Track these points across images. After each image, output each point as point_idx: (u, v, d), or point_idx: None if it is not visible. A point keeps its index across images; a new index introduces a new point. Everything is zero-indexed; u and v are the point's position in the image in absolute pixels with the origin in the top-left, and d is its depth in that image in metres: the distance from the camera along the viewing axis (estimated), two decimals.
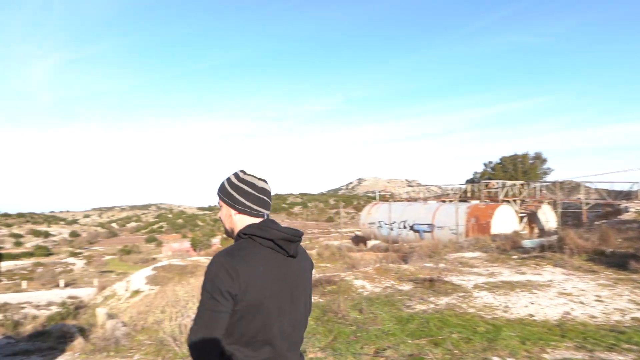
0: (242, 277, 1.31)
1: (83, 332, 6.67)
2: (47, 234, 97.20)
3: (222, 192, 1.54)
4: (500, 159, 37.41)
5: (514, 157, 36.31)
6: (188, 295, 8.73)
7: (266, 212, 1.53)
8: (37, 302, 22.19)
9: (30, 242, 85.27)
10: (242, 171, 1.53)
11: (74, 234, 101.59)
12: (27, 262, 58.99)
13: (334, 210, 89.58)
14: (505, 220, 22.68)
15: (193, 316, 1.45)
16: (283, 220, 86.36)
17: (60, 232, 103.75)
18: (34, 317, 14.81)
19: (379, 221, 28.14)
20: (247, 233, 1.43)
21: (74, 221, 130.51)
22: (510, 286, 7.94)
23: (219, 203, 1.56)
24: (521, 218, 25.49)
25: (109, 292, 15.38)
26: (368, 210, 30.38)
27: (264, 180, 1.53)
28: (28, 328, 11.59)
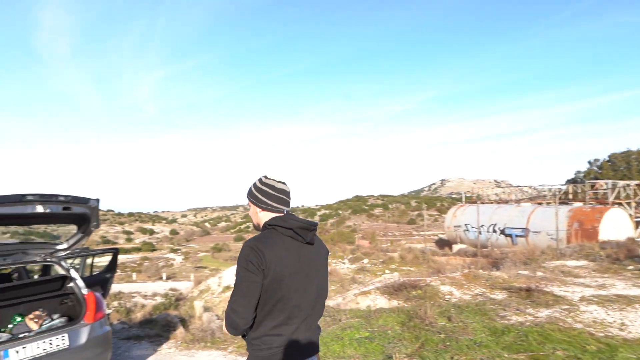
0: (267, 257, 1.63)
1: (184, 322, 7.27)
2: (151, 232, 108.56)
3: (250, 194, 1.88)
4: (609, 156, 33.13)
5: (627, 154, 31.93)
6: None
7: (286, 208, 1.84)
8: (145, 292, 24.80)
9: (139, 239, 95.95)
10: (265, 176, 1.87)
11: (173, 232, 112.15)
12: (136, 256, 66.47)
13: (416, 212, 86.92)
14: (617, 225, 20.03)
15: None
16: (363, 222, 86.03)
17: (162, 230, 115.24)
18: (142, 306, 16.59)
19: (466, 224, 26.66)
20: (271, 224, 1.77)
21: (174, 220, 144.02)
22: (626, 301, 6.96)
23: (248, 204, 1.90)
24: (637, 223, 22.31)
25: (204, 287, 16.61)
26: (453, 213, 28.94)
27: (283, 183, 1.86)
28: (138, 315, 13.01)
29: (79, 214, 3.78)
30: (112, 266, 5.34)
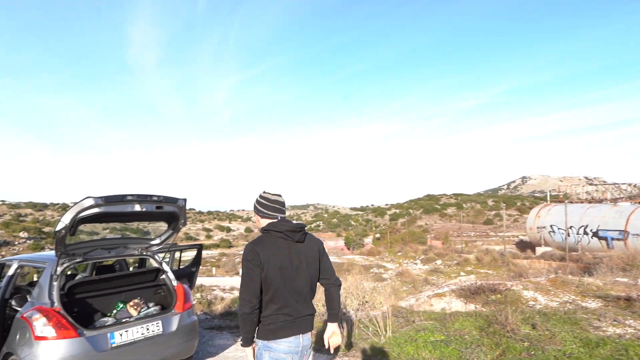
0: (262, 255, 2.21)
1: None
2: (228, 229, 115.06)
3: (253, 206, 2.48)
4: None
5: None
6: (346, 292, 9.14)
7: (280, 215, 2.40)
8: (223, 286, 26.33)
9: (217, 236, 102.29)
10: (264, 191, 2.47)
11: (248, 230, 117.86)
12: (215, 252, 71.00)
13: (493, 212, 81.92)
14: None
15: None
16: (436, 222, 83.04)
17: (238, 227, 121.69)
18: (222, 299, 17.65)
19: (551, 225, 24.56)
20: (266, 229, 2.35)
21: (248, 218, 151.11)
22: None
23: (254, 213, 2.47)
24: None
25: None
26: (536, 213, 26.81)
27: (278, 195, 2.45)
28: (218, 307, 13.87)
29: (170, 212, 4.15)
30: (197, 261, 5.77)
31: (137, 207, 3.81)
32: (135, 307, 4.20)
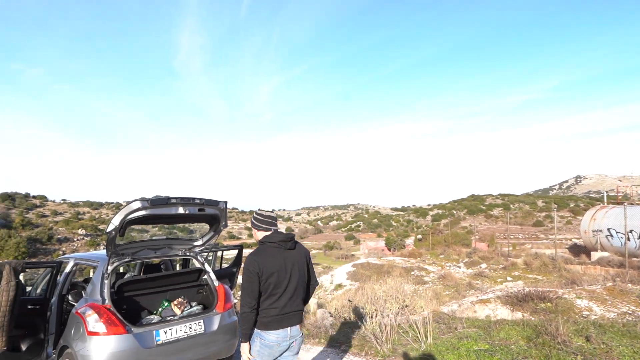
0: (260, 264, 2.69)
1: None
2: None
3: (251, 221, 2.97)
4: None
5: None
6: (386, 294, 9.01)
7: (273, 227, 2.90)
8: None
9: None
10: (258, 209, 2.98)
11: (289, 229, 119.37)
12: None
13: (544, 214, 77.86)
14: None
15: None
16: (480, 223, 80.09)
17: (279, 227, 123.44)
18: None
19: (609, 229, 22.95)
20: (262, 241, 2.86)
21: (289, 218, 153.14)
22: None
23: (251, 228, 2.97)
24: None
25: (318, 284, 17.41)
26: (592, 215, 25.17)
27: (270, 211, 2.94)
28: None
29: (211, 214, 4.28)
30: (238, 261, 5.91)
31: (181, 210, 3.95)
32: (179, 306, 4.36)
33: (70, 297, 4.68)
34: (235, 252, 5.93)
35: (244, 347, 2.75)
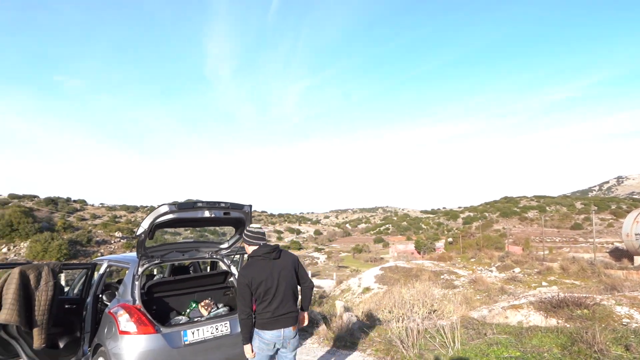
0: (249, 275, 3.11)
1: (326, 320, 7.69)
2: (298, 232, 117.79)
3: (243, 237, 3.39)
4: None
5: None
6: (413, 299, 8.88)
7: (261, 242, 3.29)
8: None
9: (287, 238, 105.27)
10: (249, 226, 3.39)
11: (317, 232, 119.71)
12: None
13: (583, 216, 74.55)
14: None
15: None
16: (515, 226, 77.58)
17: (307, 230, 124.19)
18: None
19: None
20: (251, 255, 3.26)
21: (317, 221, 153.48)
22: None
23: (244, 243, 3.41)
24: None
25: (345, 286, 17.31)
26: (635, 217, 23.89)
27: (259, 228, 3.36)
28: None
29: (236, 218, 4.37)
30: None
31: (207, 213, 4.05)
32: (206, 307, 4.46)
33: (104, 297, 4.89)
34: None
35: (247, 347, 3.21)
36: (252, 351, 3.17)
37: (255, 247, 3.24)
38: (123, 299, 4.05)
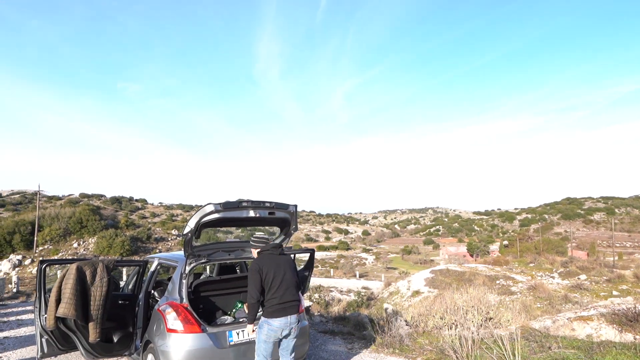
0: (260, 265, 3.66)
1: (373, 323, 7.46)
2: (346, 232, 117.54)
3: (250, 244, 4.06)
4: None
5: None
6: (467, 305, 8.40)
7: (264, 244, 3.88)
8: (340, 288, 26.93)
9: (335, 238, 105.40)
10: (255, 234, 3.97)
11: (365, 233, 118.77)
12: (333, 253, 73.18)
13: None
14: None
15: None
16: (578, 229, 72.28)
17: (355, 230, 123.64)
18: (339, 301, 18.01)
19: None
20: (260, 251, 3.84)
21: (366, 221, 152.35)
22: None
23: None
24: None
25: (393, 289, 16.88)
26: None
27: (262, 234, 3.95)
28: (334, 309, 14.16)
29: (282, 218, 4.30)
30: (310, 264, 5.87)
31: (252, 213, 4.01)
32: None
33: (155, 294, 5.01)
34: (308, 255, 5.89)
35: (249, 327, 3.71)
36: (253, 331, 3.71)
37: (263, 246, 3.85)
38: (171, 297, 4.11)
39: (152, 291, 4.98)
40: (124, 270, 13.72)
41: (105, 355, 4.39)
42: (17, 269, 39.84)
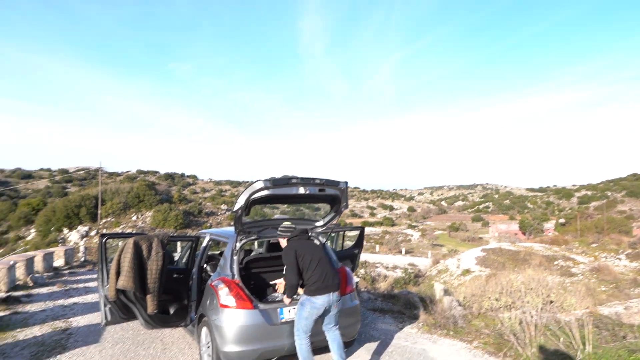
0: (294, 247, 3.81)
1: (424, 302, 7.25)
2: (391, 208, 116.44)
3: (277, 234, 4.20)
4: None
5: None
6: (525, 286, 7.95)
7: (291, 233, 4.01)
8: (386, 264, 26.75)
9: (380, 214, 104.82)
10: (282, 224, 4.13)
11: (411, 209, 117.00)
12: (378, 229, 72.85)
13: None
14: None
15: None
16: None
17: (400, 206, 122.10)
18: (385, 277, 17.87)
19: None
20: (289, 238, 3.98)
21: (411, 198, 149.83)
22: None
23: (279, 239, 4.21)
24: None
25: (442, 267, 16.47)
26: None
27: (289, 223, 4.16)
28: (381, 285, 14.05)
29: (332, 195, 4.14)
30: (360, 242, 5.73)
31: (301, 190, 3.88)
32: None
33: (208, 268, 5.10)
34: (357, 232, 5.75)
35: (287, 300, 3.87)
36: (302, 315, 3.72)
37: (292, 233, 3.97)
38: (223, 273, 4.13)
39: (205, 265, 5.06)
40: (178, 244, 14.34)
41: (162, 326, 4.54)
42: (84, 239, 43.33)
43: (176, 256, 6.01)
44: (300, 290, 3.89)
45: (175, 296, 4.72)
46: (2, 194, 59.47)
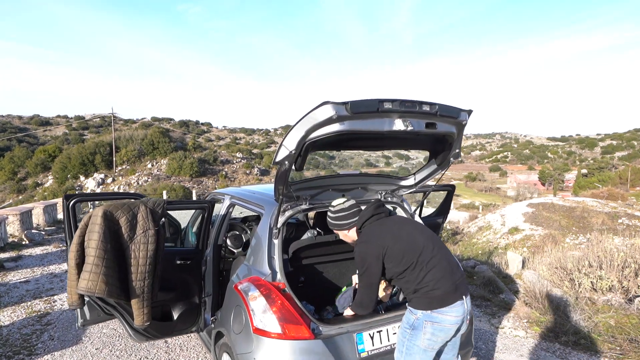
0: (380, 246, 2.16)
1: (510, 281, 5.60)
2: (407, 158, 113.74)
3: (338, 226, 2.49)
4: None
5: None
6: (627, 255, 6.21)
7: (358, 213, 2.38)
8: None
9: (396, 163, 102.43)
10: (329, 209, 2.44)
11: (427, 159, 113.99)
12: None
13: None
14: None
15: None
16: None
17: (416, 156, 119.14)
18: None
19: None
20: (361, 227, 2.35)
21: None
22: None
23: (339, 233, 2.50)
24: None
25: (483, 223, 14.82)
26: None
27: (342, 199, 2.42)
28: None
29: (443, 134, 2.33)
30: (446, 207, 3.99)
31: (399, 125, 2.06)
32: (384, 289, 2.62)
33: (229, 242, 3.46)
34: (444, 194, 3.96)
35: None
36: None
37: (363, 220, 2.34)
38: (255, 269, 2.46)
39: (225, 239, 3.41)
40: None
41: (161, 337, 3.00)
42: (100, 186, 42.94)
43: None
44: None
45: (181, 292, 3.11)
46: (21, 141, 59.06)
